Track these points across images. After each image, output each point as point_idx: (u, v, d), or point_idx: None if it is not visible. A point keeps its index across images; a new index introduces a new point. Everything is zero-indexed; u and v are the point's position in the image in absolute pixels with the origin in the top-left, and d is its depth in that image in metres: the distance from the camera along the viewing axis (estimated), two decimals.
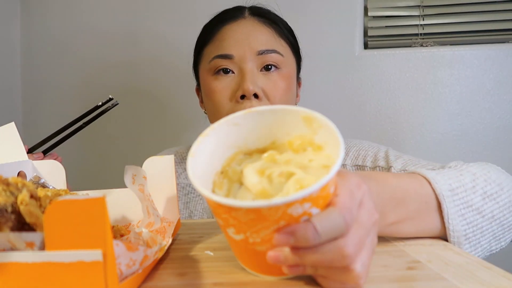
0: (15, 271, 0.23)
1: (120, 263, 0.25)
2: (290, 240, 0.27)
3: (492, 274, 0.30)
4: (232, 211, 0.28)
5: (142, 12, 1.15)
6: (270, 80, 0.64)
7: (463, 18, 1.04)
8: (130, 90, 1.18)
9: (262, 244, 0.29)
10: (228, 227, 0.30)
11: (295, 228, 0.27)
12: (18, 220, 0.26)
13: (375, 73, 1.07)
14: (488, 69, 1.04)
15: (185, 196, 0.73)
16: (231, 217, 0.28)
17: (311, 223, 0.27)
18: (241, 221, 0.28)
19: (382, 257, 0.34)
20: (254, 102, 0.61)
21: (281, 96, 0.64)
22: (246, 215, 0.28)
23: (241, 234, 0.29)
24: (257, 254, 0.30)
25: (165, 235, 0.38)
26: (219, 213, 0.29)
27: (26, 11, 1.19)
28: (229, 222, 0.29)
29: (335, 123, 0.33)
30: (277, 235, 0.27)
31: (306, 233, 0.26)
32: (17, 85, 1.19)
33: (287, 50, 0.68)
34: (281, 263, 0.28)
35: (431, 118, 1.06)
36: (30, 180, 0.43)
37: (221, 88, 0.64)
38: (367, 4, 1.08)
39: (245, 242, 0.29)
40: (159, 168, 0.43)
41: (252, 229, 0.28)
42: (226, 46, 0.64)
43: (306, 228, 0.27)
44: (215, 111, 0.65)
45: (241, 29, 0.65)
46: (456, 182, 0.43)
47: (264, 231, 0.28)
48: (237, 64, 0.64)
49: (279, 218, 0.27)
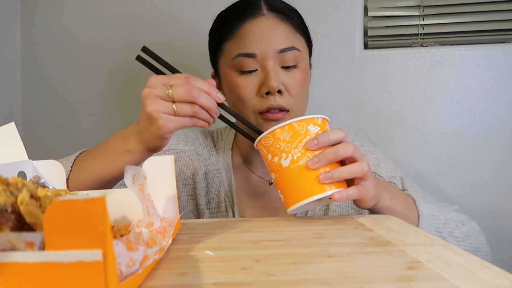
0: (15, 271, 0.23)
1: (120, 263, 0.25)
2: (315, 142, 0.48)
3: (492, 274, 0.30)
4: (280, 133, 0.49)
5: (143, 11, 1.15)
6: (291, 77, 0.69)
7: (463, 18, 1.04)
8: (131, 90, 1.18)
9: (301, 158, 0.48)
10: (280, 155, 0.49)
11: (317, 136, 0.49)
12: (18, 220, 0.26)
13: (375, 73, 1.07)
14: (488, 69, 1.04)
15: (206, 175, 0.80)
16: (280, 140, 0.49)
17: (324, 132, 0.50)
18: (286, 140, 0.48)
19: (382, 257, 0.34)
20: (278, 97, 0.67)
21: (300, 89, 0.70)
22: (288, 132, 0.49)
23: (289, 156, 0.48)
24: (301, 171, 0.48)
25: (165, 235, 0.38)
26: (272, 146, 0.50)
27: (26, 11, 1.19)
28: (280, 147, 0.49)
29: (335, 122, 0.33)
30: (309, 142, 0.49)
31: (321, 137, 0.49)
32: (17, 85, 1.19)
33: (303, 43, 0.72)
34: (318, 167, 0.48)
35: (431, 118, 1.06)
36: (30, 180, 0.44)
37: (246, 84, 0.68)
38: (367, 4, 1.08)
39: (292, 162, 0.48)
40: (159, 168, 0.43)
41: (293, 145, 0.48)
42: (248, 45, 0.67)
43: (322, 134, 0.49)
44: (240, 104, 0.70)
45: (262, 27, 0.68)
46: (434, 213, 0.64)
47: (299, 146, 0.48)
48: (260, 62, 0.68)
49: (305, 133, 0.49)
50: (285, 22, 0.69)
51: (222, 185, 0.78)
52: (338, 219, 0.52)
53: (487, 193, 1.05)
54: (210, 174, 0.79)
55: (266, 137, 0.50)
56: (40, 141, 1.19)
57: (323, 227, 0.46)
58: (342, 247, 0.38)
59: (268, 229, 0.46)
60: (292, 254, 0.36)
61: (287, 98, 0.68)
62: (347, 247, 0.38)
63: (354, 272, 0.31)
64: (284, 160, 0.48)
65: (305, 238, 0.41)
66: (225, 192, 0.77)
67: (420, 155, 1.07)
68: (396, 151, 1.08)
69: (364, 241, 0.40)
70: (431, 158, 1.07)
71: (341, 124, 1.08)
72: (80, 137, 1.19)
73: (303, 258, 0.34)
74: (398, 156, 1.08)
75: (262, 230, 0.45)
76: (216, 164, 0.79)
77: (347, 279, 0.29)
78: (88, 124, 1.19)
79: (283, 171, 0.49)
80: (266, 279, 0.30)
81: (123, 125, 1.17)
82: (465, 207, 1.06)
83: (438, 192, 1.07)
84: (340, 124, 1.08)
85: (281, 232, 0.44)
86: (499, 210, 1.05)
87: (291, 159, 0.48)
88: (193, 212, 0.79)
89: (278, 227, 0.47)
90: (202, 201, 0.78)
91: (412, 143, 1.07)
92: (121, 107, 1.18)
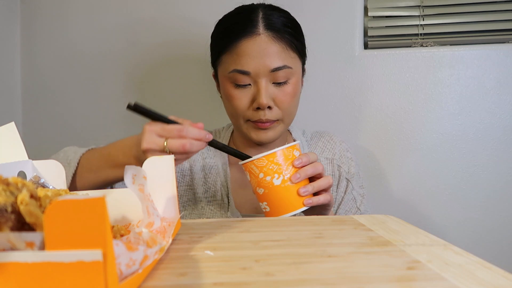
0: (15, 271, 0.23)
1: (120, 263, 0.25)
2: (299, 161, 0.61)
3: (492, 274, 0.30)
4: (274, 157, 0.59)
5: (144, 11, 1.15)
6: (281, 92, 0.75)
7: (463, 18, 1.04)
8: (131, 90, 1.18)
9: (289, 179, 0.59)
10: (273, 175, 0.59)
11: (300, 157, 0.61)
12: (18, 220, 0.26)
13: (375, 73, 1.07)
14: (488, 69, 1.04)
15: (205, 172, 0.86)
16: (273, 163, 0.59)
17: (304, 154, 0.62)
18: (278, 163, 0.58)
19: (381, 257, 0.34)
20: (267, 112, 0.75)
21: (289, 102, 0.77)
22: (280, 157, 0.59)
23: (280, 176, 0.58)
24: (288, 188, 0.59)
25: (165, 235, 0.38)
26: (265, 166, 0.59)
27: (26, 11, 1.19)
28: (273, 169, 0.59)
29: (335, 123, 0.34)
30: (294, 161, 0.60)
31: (303, 157, 0.61)
32: (17, 85, 1.19)
33: (295, 59, 0.77)
34: (299, 181, 0.60)
35: (431, 118, 1.06)
36: (30, 180, 0.43)
37: (240, 96, 0.76)
38: (367, 4, 1.08)
39: (283, 181, 0.59)
40: (159, 168, 0.43)
41: (283, 167, 0.59)
42: (243, 63, 0.74)
43: (303, 155, 0.62)
44: (235, 114, 0.78)
45: (256, 47, 0.73)
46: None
47: (289, 168, 0.59)
48: (253, 79, 0.74)
49: (292, 157, 0.60)
50: (279, 41, 0.74)
51: (218, 176, 0.84)
52: (338, 219, 0.52)
53: (487, 193, 1.05)
54: (207, 166, 0.86)
55: (260, 159, 0.60)
56: (40, 141, 1.19)
57: (323, 227, 0.46)
58: (342, 247, 0.38)
59: (268, 229, 0.46)
60: (292, 254, 0.36)
61: (276, 112, 0.75)
62: (347, 247, 0.38)
63: (354, 272, 0.31)
64: (276, 180, 0.59)
65: (305, 238, 0.41)
66: (221, 182, 0.83)
67: (420, 155, 1.07)
68: (396, 151, 1.08)
69: (364, 241, 0.40)
70: (431, 158, 1.07)
71: (341, 124, 1.08)
72: (80, 137, 1.19)
73: (303, 258, 0.34)
74: (398, 156, 1.08)
75: (262, 230, 0.45)
76: (213, 158, 0.86)
77: (347, 279, 0.29)
78: (88, 124, 1.19)
79: (274, 188, 0.59)
80: (266, 279, 0.30)
81: (122, 124, 1.18)
82: (465, 207, 1.06)
83: (438, 192, 1.07)
84: (340, 124, 1.08)
85: (281, 232, 0.44)
86: (499, 210, 1.05)
87: (282, 179, 0.59)
88: (192, 201, 0.84)
89: (278, 227, 0.47)
90: (200, 190, 0.84)
91: (412, 143, 1.07)
92: (121, 107, 1.18)
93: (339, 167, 0.85)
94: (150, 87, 1.16)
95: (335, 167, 0.85)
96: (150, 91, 1.16)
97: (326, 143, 0.88)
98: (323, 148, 0.87)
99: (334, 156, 0.86)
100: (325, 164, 0.86)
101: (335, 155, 0.86)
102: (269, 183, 0.59)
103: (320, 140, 0.89)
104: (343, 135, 1.07)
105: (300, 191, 0.60)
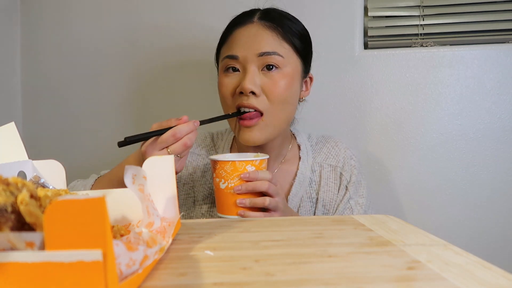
0: (15, 271, 0.23)
1: (120, 263, 0.25)
2: (246, 175, 0.64)
3: (492, 274, 0.30)
4: (225, 165, 0.65)
5: (143, 11, 1.15)
6: (270, 79, 0.73)
7: (463, 18, 1.04)
8: (131, 91, 1.18)
9: (231, 188, 0.65)
10: (220, 179, 0.65)
11: (250, 172, 0.64)
12: (18, 220, 0.26)
13: (375, 73, 1.07)
14: (488, 69, 1.04)
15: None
16: (223, 170, 0.65)
17: (256, 171, 0.65)
18: (227, 171, 0.64)
19: (381, 257, 0.34)
20: (252, 98, 0.72)
21: (280, 93, 0.74)
22: (230, 167, 0.64)
23: (225, 182, 0.65)
24: (229, 195, 0.65)
25: (165, 235, 0.38)
26: (218, 170, 0.65)
27: (26, 11, 1.19)
28: (222, 174, 0.65)
29: (335, 123, 0.34)
30: (243, 173, 0.64)
31: (252, 174, 0.64)
32: (17, 85, 1.19)
33: (290, 52, 0.76)
34: (239, 193, 0.64)
35: (431, 118, 1.06)
36: (30, 180, 0.43)
37: (227, 83, 0.75)
38: (367, 4, 1.08)
39: (226, 187, 0.65)
40: (159, 168, 0.43)
41: (231, 176, 0.64)
42: (233, 48, 0.75)
43: (253, 172, 0.64)
44: (222, 102, 0.78)
45: (247, 33, 0.74)
46: None
47: (235, 178, 0.64)
48: (242, 64, 0.74)
49: (243, 170, 0.65)
50: (272, 30, 0.75)
51: None
52: (338, 219, 0.52)
53: (487, 193, 1.05)
54: (209, 171, 0.85)
55: (214, 161, 0.66)
56: (40, 141, 1.19)
57: (323, 227, 0.46)
58: (342, 247, 0.38)
59: (268, 229, 0.46)
60: (292, 254, 0.36)
61: (262, 100, 0.73)
62: (347, 247, 0.38)
63: (354, 272, 0.31)
64: (222, 184, 0.65)
65: (305, 238, 0.41)
66: None
67: (420, 155, 1.07)
68: (396, 151, 1.08)
69: (364, 241, 0.40)
70: (431, 158, 1.07)
71: (341, 124, 1.08)
72: (80, 137, 1.19)
73: (303, 258, 0.34)
74: (398, 155, 1.08)
75: (262, 230, 0.45)
76: None
77: (347, 279, 0.29)
78: (87, 124, 1.19)
79: (219, 190, 0.66)
80: (266, 279, 0.30)
81: (122, 124, 1.18)
82: (465, 207, 1.06)
83: (438, 192, 1.07)
84: (340, 124, 1.08)
85: (281, 232, 0.44)
86: (499, 210, 1.05)
87: (226, 186, 0.65)
88: (191, 209, 0.84)
89: (278, 227, 0.47)
90: (200, 196, 0.83)
91: (412, 143, 1.07)
92: (120, 107, 1.18)
93: (341, 175, 0.84)
94: (151, 90, 1.16)
95: (337, 174, 0.84)
96: (151, 94, 1.16)
97: (331, 149, 0.87)
98: (327, 154, 0.86)
99: (338, 164, 0.85)
100: (329, 171, 0.84)
101: (338, 162, 0.85)
102: (217, 184, 0.66)
103: (325, 146, 0.87)
104: (343, 135, 1.07)
105: (237, 201, 0.65)
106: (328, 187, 0.83)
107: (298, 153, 0.86)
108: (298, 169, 0.83)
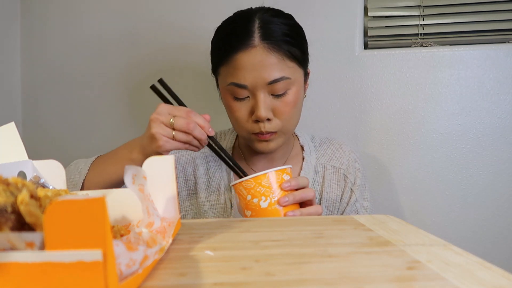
0: (15, 271, 0.23)
1: (120, 263, 0.25)
2: (288, 184, 0.61)
3: (492, 274, 0.30)
4: (262, 180, 0.58)
5: (144, 13, 1.15)
6: (281, 102, 0.74)
7: (463, 18, 1.04)
8: (132, 91, 1.18)
9: (276, 202, 0.59)
10: (260, 197, 0.58)
11: (289, 180, 0.62)
12: (18, 220, 0.26)
13: (375, 73, 1.07)
14: (488, 69, 1.04)
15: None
16: (261, 185, 0.58)
17: (295, 178, 0.63)
18: (265, 186, 0.58)
19: (381, 257, 0.34)
20: (267, 124, 0.74)
21: (289, 112, 0.75)
22: (268, 180, 0.59)
23: (267, 199, 0.58)
24: (275, 212, 0.58)
25: (165, 235, 0.38)
26: (253, 188, 0.59)
27: (26, 12, 1.19)
28: (261, 191, 0.58)
29: (335, 123, 0.34)
30: (283, 183, 0.61)
31: (292, 181, 0.62)
32: (17, 85, 1.19)
33: (294, 67, 0.74)
34: (287, 204, 0.60)
35: (431, 118, 1.06)
36: (30, 180, 0.43)
37: (239, 108, 0.75)
38: (367, 4, 1.08)
39: (270, 204, 0.58)
40: (159, 168, 0.43)
41: (271, 190, 0.58)
42: (240, 77, 0.72)
43: (293, 179, 0.62)
44: (237, 126, 0.78)
45: (252, 59, 0.71)
46: None
47: (276, 191, 0.59)
48: (251, 91, 0.73)
49: (280, 180, 0.59)
50: (276, 52, 0.71)
51: (222, 180, 0.84)
52: (338, 219, 0.52)
53: (487, 193, 1.05)
54: (211, 170, 0.85)
55: (247, 181, 0.59)
56: (40, 141, 1.19)
57: (323, 227, 0.46)
58: (342, 247, 0.38)
59: (268, 229, 0.46)
60: (292, 254, 0.36)
61: (275, 123, 0.74)
62: (347, 247, 0.38)
63: (354, 272, 0.31)
64: (263, 202, 0.58)
65: (305, 238, 0.41)
66: (224, 186, 0.83)
67: (420, 155, 1.07)
68: (396, 151, 1.08)
69: (364, 241, 0.40)
70: (431, 158, 1.07)
71: (341, 123, 1.08)
72: (80, 136, 1.19)
73: (303, 258, 0.34)
74: (398, 155, 1.08)
75: (262, 230, 0.45)
76: (217, 161, 0.85)
77: (347, 279, 0.29)
78: (87, 124, 1.19)
79: (261, 211, 0.59)
80: (266, 279, 0.30)
81: (122, 124, 1.18)
82: (465, 207, 1.06)
83: (438, 193, 1.07)
84: (340, 124, 1.08)
85: (281, 232, 0.44)
86: (499, 210, 1.05)
87: (269, 202, 0.58)
88: (194, 205, 0.84)
89: (278, 227, 0.47)
90: (203, 194, 0.84)
91: (412, 143, 1.07)
92: (121, 107, 1.18)
93: (346, 177, 0.84)
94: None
95: (341, 177, 0.84)
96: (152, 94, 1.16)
97: (335, 151, 0.87)
98: (331, 156, 0.86)
99: (342, 166, 0.85)
100: (332, 172, 0.84)
101: (342, 165, 0.85)
102: (256, 205, 0.59)
103: (329, 148, 0.87)
104: (343, 135, 1.07)
105: (289, 214, 0.59)
106: (331, 188, 0.83)
107: (302, 153, 0.86)
108: (302, 169, 0.84)
